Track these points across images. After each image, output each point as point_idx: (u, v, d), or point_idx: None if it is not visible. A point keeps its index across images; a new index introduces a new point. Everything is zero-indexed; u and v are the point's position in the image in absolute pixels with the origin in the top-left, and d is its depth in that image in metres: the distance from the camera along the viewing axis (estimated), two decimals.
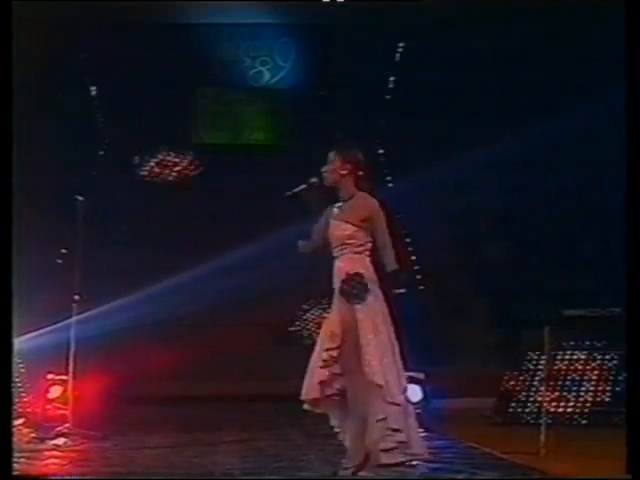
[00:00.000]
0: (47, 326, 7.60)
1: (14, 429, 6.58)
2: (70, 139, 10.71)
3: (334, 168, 5.26)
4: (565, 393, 7.41)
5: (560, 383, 7.45)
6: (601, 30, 9.00)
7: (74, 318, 6.78)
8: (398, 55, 11.35)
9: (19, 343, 7.38)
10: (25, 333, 7.57)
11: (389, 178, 10.97)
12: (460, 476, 5.13)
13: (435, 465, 5.41)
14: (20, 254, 9.15)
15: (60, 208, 8.23)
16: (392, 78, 11.46)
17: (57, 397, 7.02)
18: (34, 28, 9.65)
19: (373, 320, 4.99)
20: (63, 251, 7.73)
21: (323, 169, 5.30)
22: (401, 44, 11.33)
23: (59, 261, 7.80)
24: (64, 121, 10.66)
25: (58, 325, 7.19)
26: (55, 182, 10.05)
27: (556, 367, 7.48)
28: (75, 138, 10.75)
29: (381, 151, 11.37)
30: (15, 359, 7.45)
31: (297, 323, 10.78)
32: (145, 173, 11.37)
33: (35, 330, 7.69)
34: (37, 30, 9.73)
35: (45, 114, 10.44)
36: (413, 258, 10.32)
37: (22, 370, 7.53)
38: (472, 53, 10.77)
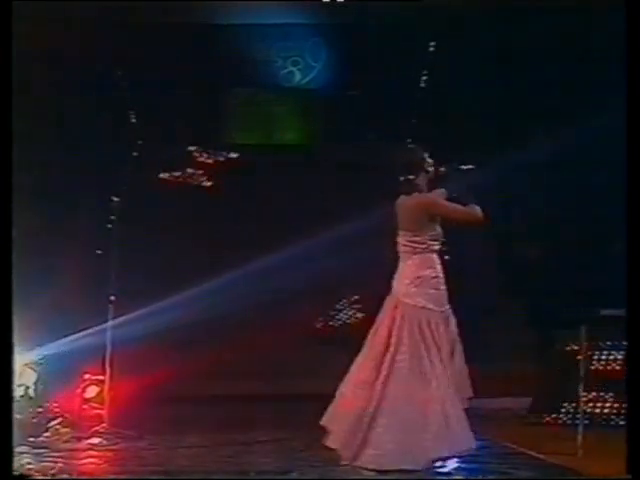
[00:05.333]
0: (84, 328, 7.66)
1: (52, 428, 6.67)
2: (105, 140, 10.78)
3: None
4: (602, 393, 7.34)
5: (597, 383, 7.37)
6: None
7: (110, 319, 6.83)
8: (430, 54, 11.30)
9: (57, 346, 7.48)
10: (63, 335, 7.65)
11: None
12: (497, 476, 5.10)
13: (471, 465, 5.39)
14: (56, 256, 9.27)
15: (96, 209, 8.30)
16: (423, 77, 11.40)
17: (93, 397, 7.07)
18: (68, 28, 9.75)
19: None
20: (99, 252, 7.77)
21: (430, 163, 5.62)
22: (432, 43, 11.28)
23: (98, 252, 7.82)
24: (98, 122, 10.73)
25: (96, 328, 7.24)
26: (90, 183, 10.13)
27: (593, 367, 7.40)
28: (110, 139, 10.81)
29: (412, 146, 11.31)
30: (50, 360, 7.53)
31: (330, 323, 10.77)
32: (178, 173, 11.42)
33: (73, 332, 7.76)
34: (72, 30, 9.83)
35: (79, 115, 10.52)
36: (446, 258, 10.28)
37: (58, 370, 7.60)
38: (506, 52, 10.69)
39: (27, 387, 7.01)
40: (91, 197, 9.50)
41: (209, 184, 11.33)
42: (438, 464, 5.20)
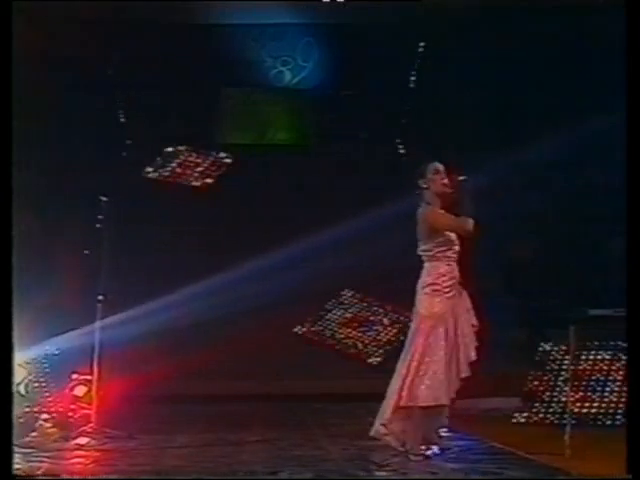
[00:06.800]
0: (75, 328, 7.66)
1: (40, 428, 6.65)
2: (94, 140, 10.77)
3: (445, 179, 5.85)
4: (590, 393, 7.37)
5: (585, 383, 7.41)
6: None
7: (99, 318, 6.82)
8: (420, 54, 11.32)
9: (49, 345, 7.46)
10: (53, 335, 7.64)
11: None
12: (485, 476, 5.11)
13: (460, 465, 5.41)
14: (46, 255, 9.24)
15: (84, 209, 8.29)
16: (414, 77, 11.43)
17: (82, 397, 7.05)
18: (58, 28, 9.73)
19: None
20: (86, 252, 7.77)
21: (434, 177, 5.81)
22: (422, 43, 11.30)
23: (86, 252, 7.83)
24: (88, 121, 10.72)
25: (87, 328, 7.22)
26: (79, 182, 10.12)
27: (581, 367, 7.43)
28: (99, 139, 10.81)
29: (403, 151, 11.35)
30: (41, 360, 7.52)
31: (319, 323, 10.79)
32: (168, 173, 11.42)
33: (63, 331, 7.75)
34: (62, 30, 9.81)
35: (68, 114, 10.51)
36: None
37: (47, 370, 7.59)
38: (494, 52, 10.71)
39: (18, 384, 7.00)
40: (80, 197, 9.49)
41: (200, 183, 11.33)
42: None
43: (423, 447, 5.60)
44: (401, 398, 5.55)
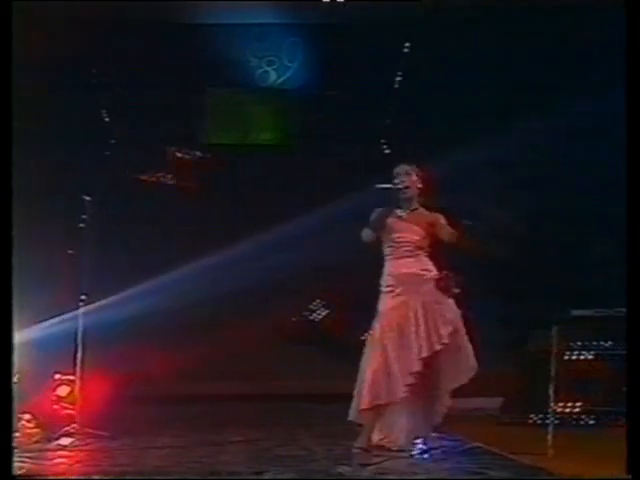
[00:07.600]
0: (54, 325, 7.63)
1: (22, 429, 6.61)
2: (78, 139, 10.72)
3: (414, 180, 5.98)
4: (572, 393, 7.41)
5: (567, 383, 7.44)
6: (605, 28, 8.98)
7: (81, 319, 6.80)
8: (405, 54, 11.32)
9: (27, 341, 7.41)
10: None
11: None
12: (468, 476, 5.13)
13: (443, 465, 5.43)
14: (28, 254, 9.16)
15: (68, 208, 8.26)
16: (399, 78, 11.43)
17: (64, 397, 7.02)
18: (43, 27, 9.66)
19: None
20: (70, 251, 7.72)
21: (401, 178, 5.95)
22: (408, 43, 11.31)
23: (70, 251, 7.80)
24: (72, 121, 10.68)
25: (66, 325, 7.20)
26: (63, 182, 10.07)
27: (563, 367, 7.46)
28: (83, 138, 10.76)
29: (387, 151, 11.35)
30: (23, 359, 7.48)
31: (304, 323, 10.80)
32: (151, 173, 11.38)
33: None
34: (46, 29, 9.75)
35: (52, 114, 10.46)
36: None
37: (30, 370, 7.54)
38: (479, 52, 10.73)
39: None
40: (63, 197, 9.44)
41: (183, 184, 11.30)
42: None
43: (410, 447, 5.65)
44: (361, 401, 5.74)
